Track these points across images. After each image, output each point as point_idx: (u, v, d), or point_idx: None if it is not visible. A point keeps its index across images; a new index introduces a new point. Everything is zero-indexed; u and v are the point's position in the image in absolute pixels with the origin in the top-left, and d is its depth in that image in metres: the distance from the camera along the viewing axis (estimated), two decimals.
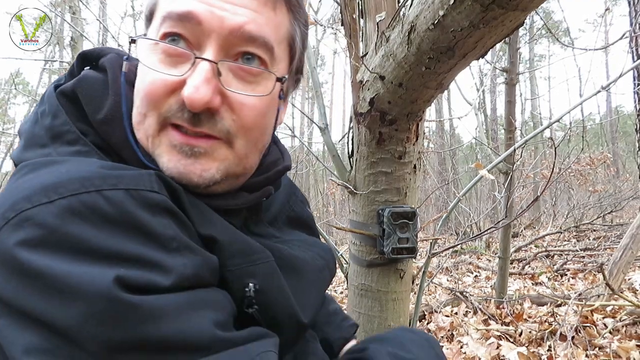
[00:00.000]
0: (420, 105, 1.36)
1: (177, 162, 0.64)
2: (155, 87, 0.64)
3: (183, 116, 0.63)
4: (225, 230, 0.65)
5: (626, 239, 3.87)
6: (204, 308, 0.55)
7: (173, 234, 0.56)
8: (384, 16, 1.49)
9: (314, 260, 0.81)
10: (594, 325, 3.36)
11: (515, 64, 4.22)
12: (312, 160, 10.76)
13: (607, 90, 2.54)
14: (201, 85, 0.61)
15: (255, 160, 0.73)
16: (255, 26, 0.65)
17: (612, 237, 8.01)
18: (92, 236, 0.51)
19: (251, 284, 0.64)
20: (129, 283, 0.50)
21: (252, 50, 0.66)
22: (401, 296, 1.60)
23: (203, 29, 0.63)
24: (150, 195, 0.56)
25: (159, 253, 0.54)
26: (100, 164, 0.58)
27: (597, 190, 11.16)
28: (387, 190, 1.52)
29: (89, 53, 0.76)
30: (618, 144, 19.04)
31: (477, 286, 5.60)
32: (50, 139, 0.64)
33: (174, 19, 0.63)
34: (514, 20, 0.98)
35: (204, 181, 0.65)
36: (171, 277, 0.53)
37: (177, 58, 0.64)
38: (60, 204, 0.51)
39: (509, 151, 2.80)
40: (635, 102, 4.85)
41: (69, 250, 0.50)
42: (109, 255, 0.51)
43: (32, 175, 0.57)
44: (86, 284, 0.48)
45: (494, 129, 14.89)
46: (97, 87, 0.69)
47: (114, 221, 0.53)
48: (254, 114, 0.67)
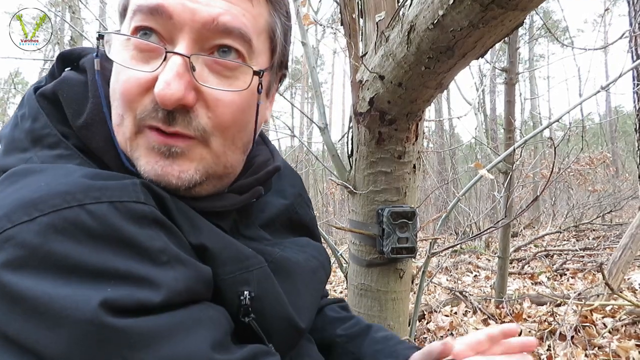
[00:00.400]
0: (420, 105, 1.36)
1: (155, 164, 0.61)
2: (129, 85, 0.60)
3: (157, 116, 0.60)
4: (215, 236, 0.63)
5: (625, 238, 3.88)
6: (199, 328, 0.53)
7: (162, 246, 0.54)
8: (384, 16, 1.49)
9: (308, 262, 0.78)
10: (594, 324, 3.36)
11: (515, 63, 4.23)
12: (311, 160, 10.77)
13: (606, 90, 2.54)
14: (172, 81, 0.58)
15: (237, 158, 0.70)
16: (230, 17, 0.61)
17: (611, 236, 8.02)
18: (76, 254, 0.48)
19: (246, 292, 0.62)
20: (116, 305, 0.47)
21: (229, 43, 0.62)
22: (401, 296, 1.60)
23: (174, 23, 0.59)
24: (136, 206, 0.54)
25: (147, 267, 0.51)
26: (81, 173, 0.55)
27: (597, 190, 11.17)
28: (387, 189, 1.52)
29: (69, 53, 0.72)
30: (617, 144, 19.05)
31: (477, 286, 5.60)
32: (30, 142, 0.61)
33: (144, 12, 0.60)
34: (514, 20, 0.98)
35: (183, 183, 0.62)
36: (162, 292, 0.51)
37: (150, 53, 0.61)
38: (41, 222, 0.48)
39: (509, 151, 2.80)
40: (635, 102, 4.85)
41: (53, 270, 0.47)
42: (94, 273, 0.48)
43: (10, 188, 0.54)
44: (71, 309, 0.45)
45: (494, 129, 14.89)
46: (77, 89, 0.66)
47: (99, 236, 0.50)
48: (230, 111, 0.64)
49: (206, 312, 0.56)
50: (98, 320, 0.45)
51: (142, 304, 0.49)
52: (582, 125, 6.35)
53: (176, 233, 0.57)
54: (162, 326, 0.49)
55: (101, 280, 0.48)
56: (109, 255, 0.50)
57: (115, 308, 0.47)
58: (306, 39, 2.15)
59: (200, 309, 0.56)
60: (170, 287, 0.52)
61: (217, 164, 0.66)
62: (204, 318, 0.55)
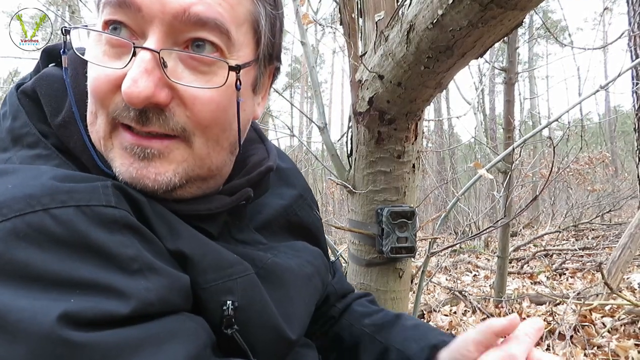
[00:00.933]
0: (419, 105, 1.36)
1: (130, 165, 0.58)
2: (100, 82, 0.57)
3: (129, 115, 0.56)
4: (196, 242, 0.59)
5: (625, 238, 3.88)
6: (173, 341, 0.49)
7: (134, 253, 0.50)
8: (383, 15, 1.49)
9: (301, 268, 0.75)
10: (593, 324, 3.37)
11: (514, 63, 4.23)
12: (311, 160, 10.76)
13: (605, 89, 2.54)
14: (139, 78, 0.54)
15: (222, 160, 0.66)
16: (203, 7, 0.56)
17: (610, 236, 8.02)
18: (40, 262, 0.45)
19: (229, 302, 0.58)
20: (78, 317, 0.43)
21: (203, 36, 0.57)
22: (400, 295, 1.60)
23: (144, 15, 0.55)
24: (105, 210, 0.50)
25: (116, 276, 0.48)
26: (51, 175, 0.52)
27: (596, 190, 11.17)
28: (386, 189, 1.52)
29: (52, 49, 0.69)
30: (617, 143, 19.06)
31: (476, 285, 5.61)
32: (11, 142, 0.59)
33: (112, 5, 0.56)
34: (513, 20, 0.98)
35: (160, 186, 0.58)
36: (131, 303, 0.47)
37: (121, 49, 0.57)
38: (4, 227, 0.45)
39: (508, 150, 2.80)
40: (634, 102, 4.85)
41: (13, 279, 0.44)
42: (58, 282, 0.45)
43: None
44: (27, 322, 0.42)
45: (493, 128, 14.90)
46: (57, 86, 0.63)
47: (64, 243, 0.47)
48: (210, 109, 0.59)
49: (182, 324, 0.52)
50: (55, 335, 0.42)
51: (108, 315, 0.46)
52: (581, 124, 6.36)
53: (151, 239, 0.54)
54: (129, 340, 0.46)
55: (65, 290, 0.45)
56: (75, 263, 0.47)
57: (76, 320, 0.44)
58: (305, 39, 2.14)
59: (176, 321, 0.52)
60: (141, 298, 0.48)
61: (200, 167, 0.62)
62: (179, 331, 0.51)
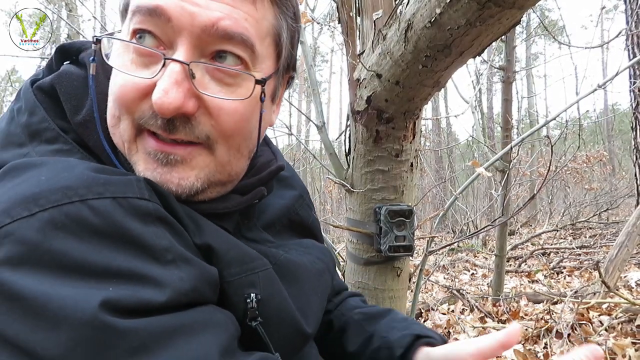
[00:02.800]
0: (417, 104, 1.36)
1: (153, 170, 0.59)
2: (126, 90, 0.58)
3: (157, 123, 0.58)
4: (220, 237, 0.61)
5: (622, 236, 3.89)
6: (206, 331, 0.50)
7: (167, 244, 0.52)
8: (381, 14, 1.49)
9: (313, 264, 0.76)
10: (590, 322, 3.37)
11: (512, 62, 4.23)
12: (309, 158, 10.76)
13: (603, 88, 2.54)
14: (170, 89, 0.56)
15: (241, 166, 0.68)
16: (231, 22, 0.58)
17: (608, 234, 8.05)
18: (78, 252, 0.46)
19: (253, 294, 0.60)
20: (118, 305, 0.45)
21: (230, 49, 0.59)
22: (398, 294, 1.60)
23: (173, 26, 0.57)
24: (140, 203, 0.52)
25: (151, 266, 0.49)
26: (84, 167, 0.53)
27: (593, 188, 11.21)
28: (384, 188, 1.52)
29: (69, 47, 0.70)
30: (614, 142, 19.11)
31: (474, 284, 5.62)
32: (28, 137, 0.59)
33: (143, 13, 0.57)
34: (511, 18, 0.98)
35: (183, 190, 0.60)
36: (166, 292, 0.48)
37: (149, 58, 0.59)
38: (42, 217, 0.46)
39: (506, 149, 2.80)
40: (632, 100, 4.86)
41: (53, 268, 0.45)
42: (96, 272, 0.46)
43: (10, 183, 0.52)
44: (69, 309, 0.43)
45: (491, 127, 14.92)
46: (76, 84, 0.64)
47: (102, 233, 0.48)
48: (234, 119, 0.61)
49: (213, 315, 0.54)
50: (98, 321, 0.43)
51: (146, 303, 0.47)
52: (579, 123, 6.37)
53: (181, 232, 0.56)
54: (166, 328, 0.47)
55: (102, 280, 0.46)
56: (112, 253, 0.48)
57: (117, 308, 0.45)
58: (304, 38, 2.14)
59: (207, 312, 0.53)
60: (176, 287, 0.50)
61: (221, 172, 0.64)
62: (210, 321, 0.52)
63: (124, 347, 0.44)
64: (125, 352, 0.44)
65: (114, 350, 0.43)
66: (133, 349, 0.44)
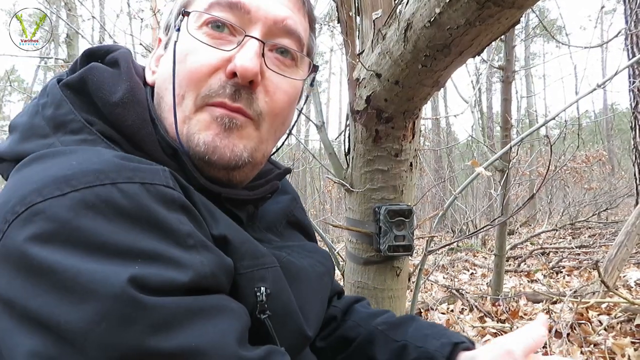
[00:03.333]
0: (417, 103, 1.36)
1: (215, 135, 0.66)
2: (199, 66, 0.66)
3: (225, 92, 0.66)
4: (235, 230, 0.64)
5: (621, 236, 3.89)
6: (222, 316, 0.52)
7: (189, 230, 0.54)
8: (381, 14, 1.49)
9: (314, 268, 0.78)
10: (589, 322, 3.38)
11: (511, 61, 4.23)
12: (308, 158, 10.76)
13: (602, 88, 2.54)
14: (253, 57, 0.65)
15: (270, 149, 0.76)
16: (293, 22, 0.71)
17: (607, 234, 8.04)
18: (106, 231, 0.48)
19: (263, 288, 0.62)
20: (144, 282, 0.47)
21: (288, 45, 0.71)
22: (397, 294, 1.60)
23: (251, 17, 0.68)
24: (166, 190, 0.54)
25: (175, 249, 0.51)
26: (113, 154, 0.56)
27: (593, 188, 11.21)
28: (384, 188, 1.52)
29: (97, 50, 0.74)
30: (613, 142, 19.11)
31: (473, 284, 5.62)
32: (52, 128, 0.62)
33: (223, 5, 0.68)
34: (510, 18, 0.98)
35: (235, 157, 0.66)
36: (189, 273, 0.50)
37: (220, 40, 0.68)
38: (73, 197, 0.48)
39: (505, 149, 2.80)
40: (631, 100, 4.87)
41: (82, 245, 0.47)
42: (123, 251, 0.48)
43: (40, 167, 0.54)
44: (99, 283, 0.45)
45: (490, 127, 14.93)
46: (107, 75, 0.67)
47: (129, 215, 0.50)
48: (285, 99, 0.71)
49: (230, 303, 0.56)
50: (127, 295, 0.45)
51: (170, 283, 0.49)
52: (578, 123, 6.37)
53: (200, 221, 0.58)
54: (188, 308, 0.49)
55: (129, 258, 0.48)
56: (138, 235, 0.50)
57: (143, 285, 0.46)
58: None
59: (225, 299, 0.55)
60: (197, 270, 0.51)
61: (258, 150, 0.71)
62: (229, 308, 0.54)
63: (147, 323, 0.45)
64: (147, 328, 0.45)
65: (136, 326, 0.45)
66: (155, 325, 0.46)
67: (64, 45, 7.72)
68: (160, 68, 0.74)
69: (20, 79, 23.05)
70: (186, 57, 0.67)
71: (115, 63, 0.70)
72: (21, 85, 21.18)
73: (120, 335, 0.44)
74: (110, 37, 3.56)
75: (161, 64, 0.75)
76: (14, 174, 0.56)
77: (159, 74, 0.73)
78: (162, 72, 0.72)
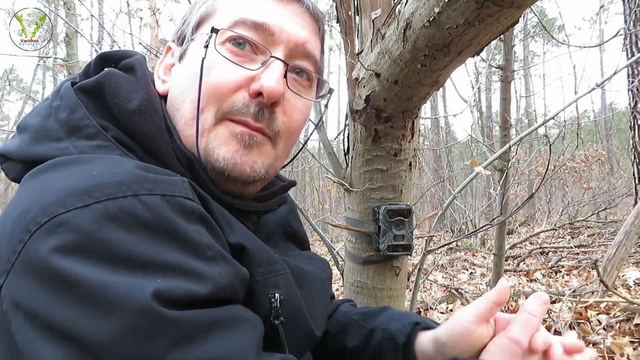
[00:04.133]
0: (416, 103, 1.36)
1: (235, 152, 0.67)
2: (224, 82, 0.67)
3: (248, 111, 0.67)
4: (251, 238, 0.65)
5: (620, 235, 3.89)
6: (240, 327, 0.53)
7: (208, 242, 0.54)
8: (380, 13, 1.49)
9: (319, 273, 0.80)
10: (588, 321, 3.38)
11: (511, 61, 4.22)
12: (307, 158, 10.76)
13: (601, 87, 2.55)
14: (280, 79, 0.68)
15: (281, 165, 0.77)
16: (311, 45, 0.74)
17: (606, 234, 8.05)
18: (129, 243, 0.49)
19: (277, 295, 0.63)
20: (167, 296, 0.47)
21: (306, 66, 0.74)
22: (397, 293, 1.61)
23: (274, 39, 0.70)
24: (185, 202, 0.55)
25: (195, 261, 0.52)
26: (133, 165, 0.56)
27: (592, 188, 11.22)
28: (383, 187, 1.52)
29: (111, 54, 0.75)
30: (612, 141, 19.14)
31: (473, 283, 5.62)
32: (66, 132, 0.62)
33: (248, 25, 0.69)
34: (509, 18, 0.98)
35: (254, 174, 0.68)
36: (208, 285, 0.51)
37: (243, 58, 0.69)
38: (96, 208, 0.49)
39: (505, 148, 2.80)
40: (630, 99, 4.87)
41: (106, 257, 0.47)
42: (146, 263, 0.49)
43: (59, 175, 0.54)
44: (124, 297, 0.45)
45: (489, 126, 14.94)
46: (124, 81, 0.68)
47: (151, 227, 0.50)
48: (300, 119, 0.74)
49: (246, 313, 0.56)
50: (151, 310, 0.45)
51: (191, 295, 0.49)
52: (577, 122, 6.37)
53: (218, 232, 0.59)
54: (208, 320, 0.49)
55: (152, 271, 0.48)
56: (160, 246, 0.50)
57: (166, 299, 0.47)
58: None
59: (242, 309, 0.56)
60: (216, 281, 0.52)
61: (273, 166, 0.73)
62: (244, 318, 0.55)
63: (169, 337, 0.46)
64: (170, 341, 0.46)
65: (160, 340, 0.45)
66: (177, 339, 0.46)
67: (62, 45, 7.70)
68: (174, 79, 0.74)
69: (19, 78, 23.02)
70: (209, 72, 0.68)
71: (130, 69, 0.71)
72: (20, 85, 21.13)
73: (144, 348, 0.44)
74: (109, 35, 3.55)
75: (175, 74, 0.75)
76: (30, 180, 0.56)
77: (174, 86, 0.73)
78: (178, 85, 0.72)
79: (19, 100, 22.50)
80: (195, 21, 0.74)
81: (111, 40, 3.38)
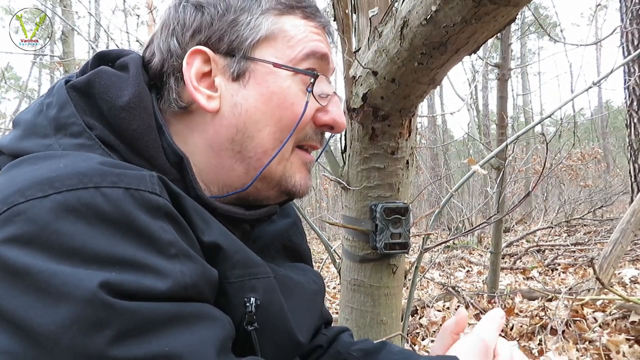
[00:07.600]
0: (413, 101, 1.36)
1: (307, 180, 0.77)
2: (306, 118, 0.73)
3: (317, 138, 0.76)
4: (229, 238, 0.63)
5: (616, 233, 3.91)
6: (203, 324, 0.51)
7: (172, 239, 0.53)
8: (377, 11, 1.49)
9: (309, 284, 0.80)
10: (584, 319, 3.39)
11: (507, 59, 4.23)
12: None
13: (598, 85, 2.55)
14: (342, 113, 0.77)
15: None
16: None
17: (602, 231, 8.08)
18: (85, 235, 0.48)
19: (253, 299, 0.61)
20: (118, 288, 0.46)
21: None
22: (394, 291, 1.61)
23: (329, 68, 0.77)
24: (150, 197, 0.53)
25: (155, 257, 0.50)
26: (100, 160, 0.55)
27: (588, 185, 11.26)
28: (380, 185, 1.52)
29: (107, 53, 0.74)
30: (608, 139, 19.19)
31: (469, 281, 5.64)
32: (53, 129, 0.62)
33: (317, 57, 0.73)
34: (506, 16, 0.98)
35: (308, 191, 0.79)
36: (167, 282, 0.49)
37: None
38: (55, 199, 0.48)
39: (501, 146, 2.81)
40: (626, 98, 4.88)
41: (60, 249, 0.46)
42: (101, 256, 0.48)
43: (29, 168, 0.54)
44: (71, 286, 0.44)
45: (486, 125, 14.95)
46: (115, 78, 0.66)
47: (110, 221, 0.49)
48: None
49: (212, 311, 0.55)
50: (97, 299, 0.44)
51: (146, 290, 0.48)
52: (573, 121, 6.39)
53: (186, 230, 0.57)
54: (163, 314, 0.48)
55: (106, 264, 0.47)
56: (118, 241, 0.49)
57: (116, 290, 0.46)
58: None
59: (206, 307, 0.54)
60: (177, 279, 0.51)
61: None
62: (209, 316, 0.53)
63: (118, 328, 0.44)
64: (118, 332, 0.44)
65: (107, 330, 0.44)
66: (127, 331, 0.45)
67: (59, 42, 7.68)
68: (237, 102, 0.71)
69: (16, 76, 22.89)
70: (292, 106, 0.71)
71: (124, 67, 0.69)
72: (17, 83, 21.01)
73: (90, 340, 0.43)
74: (105, 33, 3.54)
75: (234, 96, 0.71)
76: (4, 173, 0.57)
77: (243, 111, 0.70)
78: (249, 112, 0.70)
79: (16, 98, 22.39)
80: (253, 37, 0.70)
81: (108, 38, 3.37)
